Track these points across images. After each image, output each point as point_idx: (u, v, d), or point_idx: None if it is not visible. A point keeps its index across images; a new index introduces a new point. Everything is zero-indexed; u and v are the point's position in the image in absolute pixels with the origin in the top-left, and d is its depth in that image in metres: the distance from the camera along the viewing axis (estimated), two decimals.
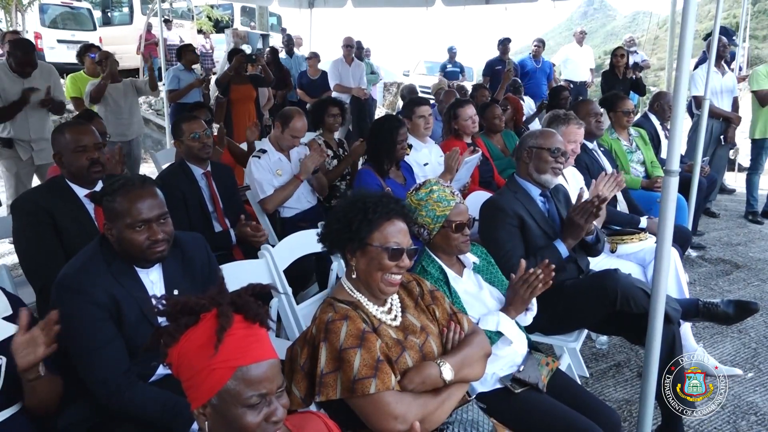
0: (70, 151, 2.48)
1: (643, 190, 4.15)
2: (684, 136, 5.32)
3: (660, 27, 19.95)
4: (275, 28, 16.12)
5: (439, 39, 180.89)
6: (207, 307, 1.10)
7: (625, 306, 2.34)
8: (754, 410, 2.78)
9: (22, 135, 4.47)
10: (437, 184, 2.15)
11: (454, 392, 1.64)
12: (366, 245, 1.63)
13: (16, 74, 4.37)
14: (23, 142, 4.50)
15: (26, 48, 4.45)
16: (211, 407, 1.08)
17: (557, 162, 2.60)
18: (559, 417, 1.85)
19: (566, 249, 2.50)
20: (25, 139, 4.49)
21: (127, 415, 1.73)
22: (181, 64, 6.72)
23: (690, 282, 4.19)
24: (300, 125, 3.68)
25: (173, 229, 1.89)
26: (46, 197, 2.47)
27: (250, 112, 6.37)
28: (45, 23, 11.86)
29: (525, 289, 2.01)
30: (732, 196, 7.08)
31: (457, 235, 2.08)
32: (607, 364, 3.23)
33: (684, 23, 1.88)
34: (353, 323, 1.56)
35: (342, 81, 7.73)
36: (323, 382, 1.52)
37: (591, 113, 3.85)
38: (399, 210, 1.68)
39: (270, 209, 3.56)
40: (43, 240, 2.39)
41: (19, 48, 4.40)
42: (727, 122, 5.87)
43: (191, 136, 3.09)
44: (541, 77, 8.34)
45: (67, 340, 1.70)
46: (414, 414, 1.51)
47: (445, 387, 1.61)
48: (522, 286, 2.02)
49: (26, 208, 2.46)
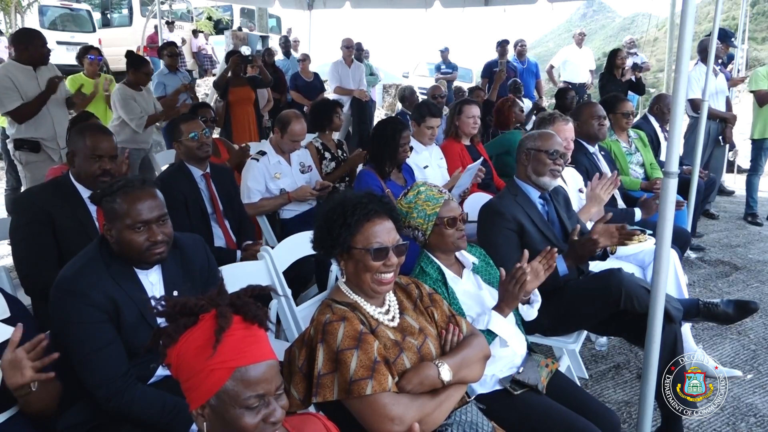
0: (85, 156, 2.48)
1: (643, 191, 4.15)
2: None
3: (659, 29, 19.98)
4: (275, 29, 16.14)
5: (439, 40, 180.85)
6: (206, 307, 1.10)
7: (629, 305, 2.33)
8: (754, 412, 2.77)
9: (49, 135, 4.34)
10: (424, 185, 2.16)
11: (452, 393, 1.63)
12: (350, 249, 1.63)
13: (29, 67, 4.28)
14: (50, 143, 4.36)
15: (42, 38, 4.39)
16: (210, 408, 1.08)
17: (556, 164, 2.60)
18: (559, 418, 1.85)
19: (566, 267, 2.50)
20: (53, 139, 4.35)
21: (127, 416, 1.73)
22: (164, 66, 6.58)
23: (689, 283, 4.20)
24: (299, 129, 3.69)
25: (173, 230, 1.89)
26: (46, 197, 2.46)
27: (249, 115, 6.31)
28: (44, 25, 11.84)
29: (513, 284, 1.98)
30: (731, 197, 7.09)
31: (452, 230, 2.07)
32: (606, 365, 3.23)
33: (683, 25, 1.89)
34: (350, 324, 1.56)
35: (342, 83, 7.73)
36: (320, 383, 1.52)
37: (594, 116, 3.81)
38: (381, 208, 1.66)
39: (250, 215, 3.55)
40: (37, 240, 2.38)
41: (37, 37, 4.33)
42: (724, 123, 5.88)
43: (190, 135, 3.10)
44: (528, 77, 8.34)
45: (67, 343, 1.71)
46: (411, 416, 1.50)
47: (443, 388, 1.60)
48: (510, 282, 1.99)
49: (24, 206, 2.45)
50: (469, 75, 14.57)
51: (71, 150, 2.53)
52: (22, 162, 4.38)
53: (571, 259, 2.50)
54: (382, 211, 1.66)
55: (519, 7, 9.13)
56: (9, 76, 4.17)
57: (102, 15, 14.12)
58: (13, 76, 4.19)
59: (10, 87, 4.15)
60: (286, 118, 3.70)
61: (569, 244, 2.55)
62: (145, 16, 13.35)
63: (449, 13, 9.17)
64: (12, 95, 4.15)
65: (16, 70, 4.25)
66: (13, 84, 4.15)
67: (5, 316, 1.69)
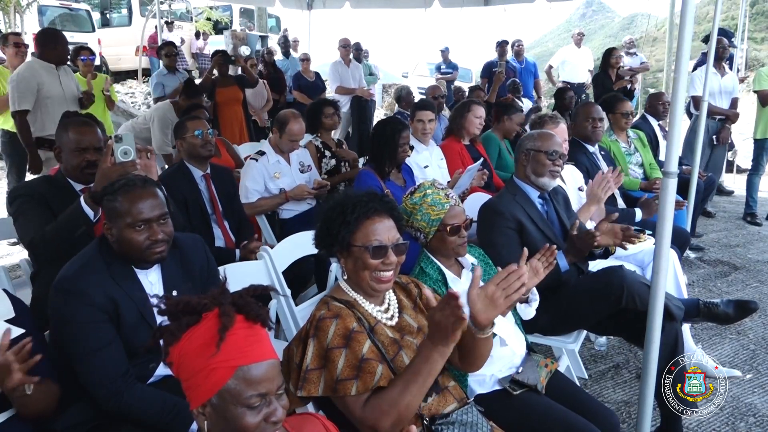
0: (70, 150, 2.46)
1: (642, 191, 4.16)
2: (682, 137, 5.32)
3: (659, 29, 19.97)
4: (274, 29, 16.12)
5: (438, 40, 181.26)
6: (209, 306, 1.10)
7: (631, 303, 2.33)
8: (753, 412, 2.78)
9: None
10: (431, 188, 2.14)
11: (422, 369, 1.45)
12: (350, 246, 1.64)
13: (52, 66, 4.36)
14: None
15: (66, 39, 4.52)
16: (211, 407, 1.08)
17: (555, 165, 2.60)
18: (558, 418, 1.85)
19: (566, 263, 2.49)
20: None
21: (127, 416, 1.73)
22: (163, 66, 6.55)
23: (689, 283, 4.20)
24: (297, 128, 3.69)
25: (173, 229, 1.89)
26: (42, 187, 2.45)
27: (237, 115, 6.17)
28: (43, 25, 11.79)
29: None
30: (731, 197, 7.09)
31: (453, 238, 2.06)
32: (605, 365, 3.23)
33: (682, 25, 1.89)
34: (342, 322, 1.56)
35: (342, 83, 7.73)
36: (306, 377, 1.53)
37: (588, 117, 3.80)
38: (381, 207, 1.67)
39: (249, 215, 3.56)
40: (36, 211, 2.35)
41: (62, 37, 4.45)
42: (723, 122, 5.89)
43: (195, 133, 3.10)
44: (527, 77, 8.33)
45: (66, 343, 1.71)
46: (396, 412, 1.45)
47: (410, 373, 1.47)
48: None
49: (22, 192, 2.44)
50: (468, 75, 14.56)
51: (57, 146, 2.52)
52: (42, 159, 4.45)
53: (570, 255, 2.50)
54: (382, 210, 1.66)
55: (518, 7, 9.14)
56: (35, 76, 4.27)
57: (101, 15, 14.09)
58: (38, 75, 4.29)
59: (30, 89, 4.24)
60: (285, 118, 3.70)
61: (568, 239, 2.55)
62: (145, 16, 13.34)
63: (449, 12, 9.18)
64: (28, 98, 4.25)
65: (41, 68, 4.34)
66: (36, 86, 4.26)
67: (10, 316, 1.69)
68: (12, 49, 5.18)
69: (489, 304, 1.49)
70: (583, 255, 2.51)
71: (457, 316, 1.33)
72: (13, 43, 5.20)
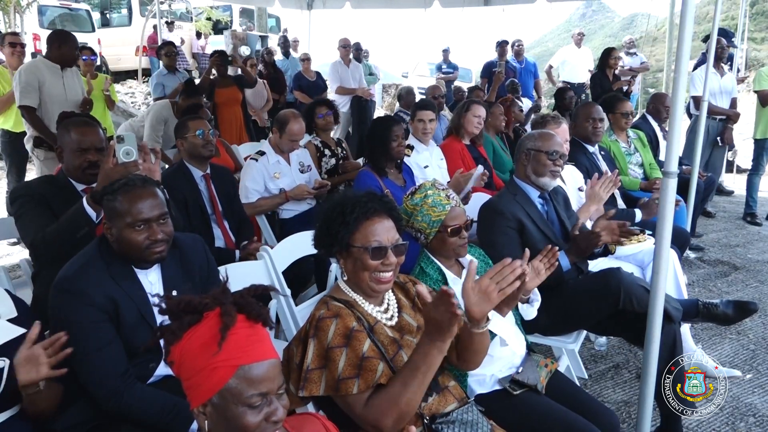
0: (71, 150, 2.46)
1: (642, 191, 4.16)
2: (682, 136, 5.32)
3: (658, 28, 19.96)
4: (274, 29, 16.12)
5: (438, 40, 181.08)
6: (210, 305, 1.10)
7: (628, 305, 2.33)
8: (753, 412, 2.78)
9: None
10: (432, 188, 2.14)
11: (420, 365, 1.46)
12: (349, 247, 1.64)
13: (57, 66, 4.36)
14: None
15: (76, 41, 4.52)
16: (212, 406, 1.08)
17: (555, 165, 2.60)
18: (558, 418, 1.85)
19: (568, 262, 2.49)
20: None
21: (126, 416, 1.73)
22: (163, 66, 6.54)
23: (688, 283, 4.20)
24: (297, 128, 3.69)
25: (173, 229, 1.89)
26: (44, 187, 2.45)
27: (237, 115, 6.14)
28: (43, 25, 11.81)
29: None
30: (731, 197, 7.09)
31: (454, 239, 2.06)
32: (605, 365, 3.23)
33: (682, 25, 1.89)
34: (342, 322, 1.56)
35: (343, 83, 7.73)
36: (308, 377, 1.53)
37: (588, 117, 3.79)
38: (381, 207, 1.66)
39: (249, 215, 3.55)
40: (36, 210, 2.35)
41: (72, 39, 4.45)
42: (725, 122, 5.88)
43: (196, 132, 3.10)
44: (526, 77, 8.33)
45: (66, 343, 1.71)
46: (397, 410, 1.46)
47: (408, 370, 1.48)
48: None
49: (22, 192, 2.43)
50: (468, 75, 14.55)
51: (59, 146, 2.52)
52: (41, 159, 4.47)
53: (573, 254, 2.50)
54: (381, 210, 1.66)
55: (518, 7, 9.14)
56: (36, 73, 4.28)
57: (101, 15, 14.08)
58: (40, 74, 4.30)
59: (33, 86, 4.26)
60: (284, 118, 3.70)
61: (571, 239, 2.55)
62: (145, 16, 13.34)
63: (449, 12, 9.18)
64: (32, 95, 4.27)
65: (45, 67, 4.35)
66: (38, 84, 4.27)
67: (12, 316, 1.69)
68: (8, 49, 5.18)
69: (482, 298, 1.49)
70: (586, 254, 2.52)
71: (451, 311, 1.34)
72: (8, 43, 5.20)
